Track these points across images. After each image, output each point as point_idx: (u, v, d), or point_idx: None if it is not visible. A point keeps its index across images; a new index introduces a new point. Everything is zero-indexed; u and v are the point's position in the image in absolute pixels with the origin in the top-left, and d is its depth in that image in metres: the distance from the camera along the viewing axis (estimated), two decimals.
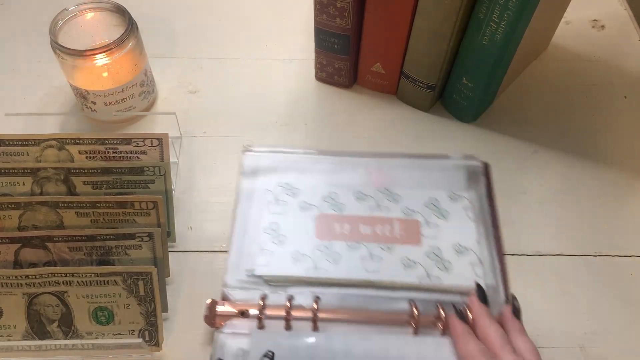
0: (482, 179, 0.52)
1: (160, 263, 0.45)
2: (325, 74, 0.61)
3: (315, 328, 0.43)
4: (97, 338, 0.43)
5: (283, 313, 0.43)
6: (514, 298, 0.44)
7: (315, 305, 0.44)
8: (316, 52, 0.59)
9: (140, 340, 0.42)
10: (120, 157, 0.50)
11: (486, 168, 0.53)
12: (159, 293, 0.43)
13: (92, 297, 0.42)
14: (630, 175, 0.55)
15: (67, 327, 0.43)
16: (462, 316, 0.43)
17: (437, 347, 0.42)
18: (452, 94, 0.57)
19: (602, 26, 0.68)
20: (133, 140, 0.50)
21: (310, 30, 0.57)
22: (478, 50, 0.51)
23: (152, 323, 0.43)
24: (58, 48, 0.51)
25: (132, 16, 0.53)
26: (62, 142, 0.50)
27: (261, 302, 0.44)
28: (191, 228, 0.51)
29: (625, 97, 0.61)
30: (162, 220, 0.47)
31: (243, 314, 0.44)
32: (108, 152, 0.50)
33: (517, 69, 0.60)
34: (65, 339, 0.43)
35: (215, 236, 0.50)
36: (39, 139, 0.50)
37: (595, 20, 0.68)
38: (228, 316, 0.44)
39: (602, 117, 0.59)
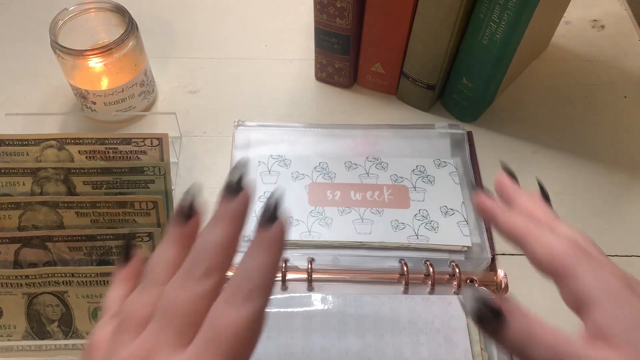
0: (465, 146, 0.55)
1: None
2: (325, 74, 0.61)
3: (310, 288, 0.46)
4: None
5: (279, 274, 0.46)
6: (541, 185, 0.35)
7: (309, 266, 0.46)
8: (316, 52, 0.59)
9: None
10: (120, 157, 0.50)
11: (470, 136, 0.56)
12: None
13: (92, 297, 0.42)
14: (630, 175, 0.55)
15: (67, 327, 0.43)
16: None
17: (427, 304, 0.44)
18: (452, 94, 0.57)
19: (602, 26, 0.68)
20: (133, 140, 0.50)
21: (310, 30, 0.57)
22: (478, 50, 0.51)
23: None
24: (58, 48, 0.51)
25: (132, 16, 0.53)
26: (62, 142, 0.50)
27: None
28: None
29: (626, 97, 0.61)
30: (162, 220, 0.47)
31: None
32: (108, 152, 0.50)
33: (517, 69, 0.60)
34: (65, 339, 0.43)
35: None
36: (38, 139, 0.50)
37: (595, 20, 0.68)
38: (227, 279, 0.45)
39: (602, 117, 0.59)
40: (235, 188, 0.28)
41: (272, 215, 0.27)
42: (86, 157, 0.50)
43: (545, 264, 0.29)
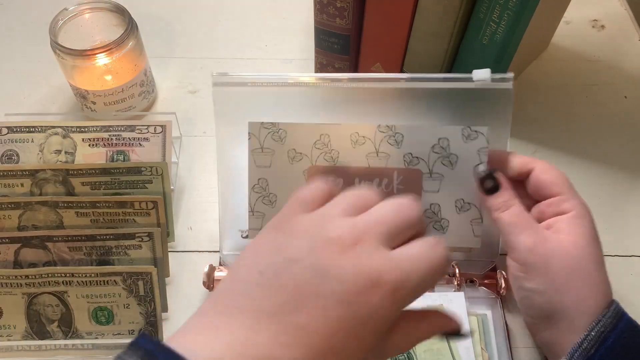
0: (508, 109, 0.42)
1: (160, 263, 0.45)
2: None
3: None
4: (96, 338, 0.43)
5: None
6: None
7: None
8: (316, 52, 0.59)
9: None
10: (123, 143, 0.50)
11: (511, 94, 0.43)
12: (159, 293, 0.43)
13: (92, 297, 0.42)
14: (630, 175, 0.55)
15: (67, 327, 0.43)
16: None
17: (428, 302, 0.43)
18: None
19: (602, 26, 0.68)
20: (137, 127, 0.50)
21: (310, 30, 0.57)
22: (478, 50, 0.51)
23: (152, 323, 0.43)
24: (58, 48, 0.51)
25: (132, 16, 0.53)
26: (67, 130, 0.50)
27: None
28: (191, 228, 0.51)
29: (626, 97, 0.61)
30: (161, 220, 0.47)
31: None
32: (111, 139, 0.50)
33: (518, 68, 0.60)
34: (65, 339, 0.43)
35: (215, 236, 0.50)
36: (44, 126, 0.50)
37: (595, 20, 0.68)
38: None
39: (602, 117, 0.59)
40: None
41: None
42: (89, 145, 0.50)
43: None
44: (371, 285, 0.26)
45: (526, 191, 0.43)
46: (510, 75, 0.42)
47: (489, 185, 0.41)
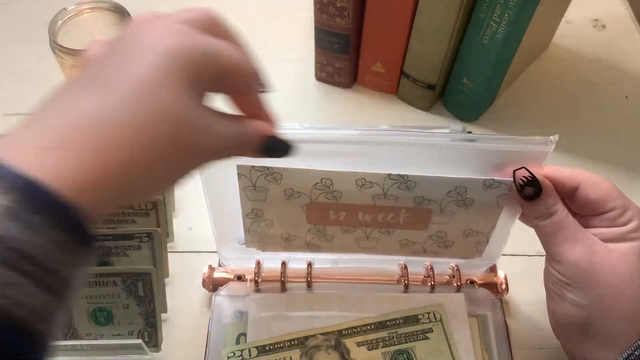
0: (542, 164, 0.39)
1: (160, 263, 0.45)
2: (325, 74, 0.61)
3: (310, 290, 0.45)
4: (96, 339, 0.43)
5: (278, 276, 0.45)
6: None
7: (309, 269, 0.45)
8: (316, 51, 0.59)
9: (139, 341, 0.42)
10: None
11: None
12: (158, 294, 0.43)
13: (91, 298, 0.42)
14: (630, 175, 0.55)
15: (66, 327, 0.43)
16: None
17: (428, 303, 0.43)
18: (453, 94, 0.57)
19: (603, 26, 0.68)
20: None
21: (310, 30, 0.57)
22: (478, 50, 0.51)
23: (152, 324, 0.43)
24: (57, 48, 0.51)
25: (132, 16, 0.53)
26: None
27: (256, 267, 0.45)
28: (191, 228, 0.51)
29: (627, 97, 0.61)
30: (161, 221, 0.46)
31: (239, 278, 0.46)
32: None
33: (518, 68, 0.60)
34: (64, 339, 0.43)
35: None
36: None
37: (596, 19, 0.68)
38: (225, 281, 0.46)
39: (602, 117, 0.59)
40: None
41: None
42: None
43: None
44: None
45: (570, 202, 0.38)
46: (554, 138, 0.38)
47: (529, 192, 0.36)
